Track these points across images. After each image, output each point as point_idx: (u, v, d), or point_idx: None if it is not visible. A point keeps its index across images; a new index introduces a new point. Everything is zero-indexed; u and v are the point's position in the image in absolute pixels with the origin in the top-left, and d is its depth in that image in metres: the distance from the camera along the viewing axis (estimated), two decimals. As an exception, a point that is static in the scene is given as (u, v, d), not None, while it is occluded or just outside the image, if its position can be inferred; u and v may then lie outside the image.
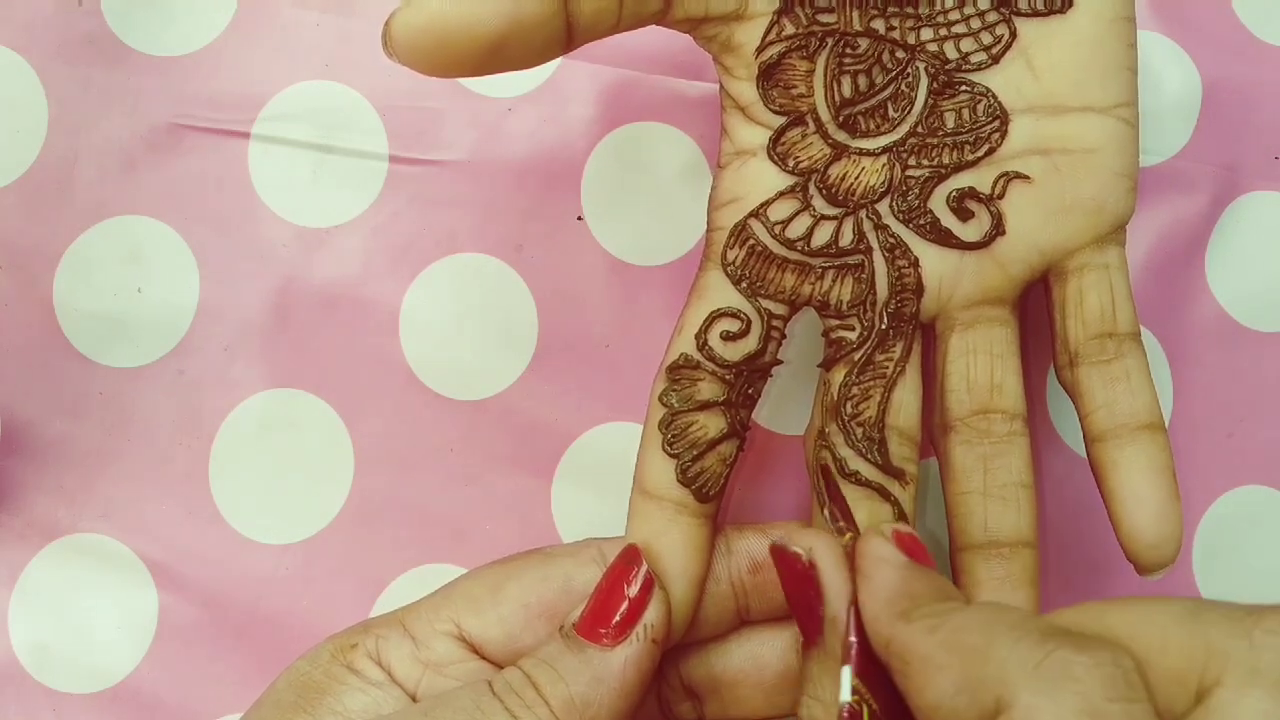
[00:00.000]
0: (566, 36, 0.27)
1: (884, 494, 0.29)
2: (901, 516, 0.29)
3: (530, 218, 0.35)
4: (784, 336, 0.30)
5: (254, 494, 0.35)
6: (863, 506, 0.29)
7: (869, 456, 0.29)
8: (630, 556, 0.28)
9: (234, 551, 0.34)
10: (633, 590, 0.27)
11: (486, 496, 0.35)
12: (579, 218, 0.35)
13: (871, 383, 0.29)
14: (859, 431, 0.29)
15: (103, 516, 0.35)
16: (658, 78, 0.35)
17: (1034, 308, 0.34)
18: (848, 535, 0.26)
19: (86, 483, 0.35)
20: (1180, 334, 0.35)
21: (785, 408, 0.35)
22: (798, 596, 0.25)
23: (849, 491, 0.29)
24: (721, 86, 0.30)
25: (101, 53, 0.35)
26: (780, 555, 0.26)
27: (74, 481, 0.35)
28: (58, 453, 0.35)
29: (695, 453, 0.29)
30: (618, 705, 0.26)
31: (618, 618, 0.27)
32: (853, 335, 0.29)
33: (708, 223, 0.30)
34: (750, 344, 0.29)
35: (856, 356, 0.29)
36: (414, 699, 0.27)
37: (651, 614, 0.27)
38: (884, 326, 0.29)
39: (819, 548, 0.25)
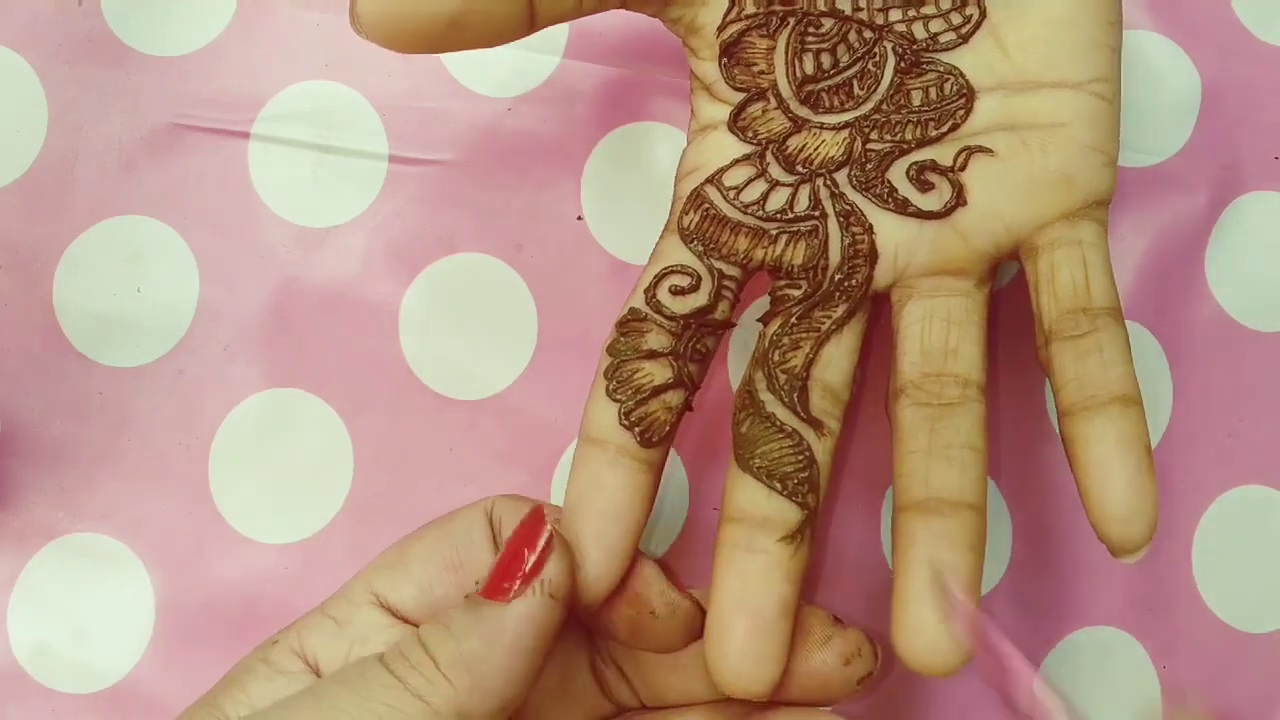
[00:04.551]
0: (529, 16, 0.28)
1: (796, 440, 0.28)
2: (812, 462, 0.28)
3: (530, 218, 0.35)
4: (738, 299, 0.30)
5: (254, 494, 0.35)
6: (775, 448, 0.28)
7: (786, 401, 0.29)
8: (536, 516, 0.27)
9: (234, 551, 0.34)
10: (535, 550, 0.27)
11: (486, 496, 0.35)
12: (579, 218, 0.35)
13: (804, 335, 0.29)
14: (782, 378, 0.29)
15: (102, 516, 0.35)
16: (658, 78, 0.35)
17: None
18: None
19: (86, 483, 0.35)
20: (1180, 334, 0.35)
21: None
22: None
23: (763, 432, 0.29)
24: (689, 68, 0.30)
25: (101, 53, 0.35)
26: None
27: (74, 481, 0.35)
28: (58, 453, 0.35)
29: (639, 398, 0.29)
30: (511, 662, 0.25)
31: (520, 575, 0.26)
32: (797, 293, 0.29)
33: (673, 195, 0.31)
34: (700, 299, 0.29)
35: (794, 310, 0.29)
36: None
37: (551, 569, 0.26)
38: (829, 288, 0.29)
39: None
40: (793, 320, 0.29)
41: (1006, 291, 0.35)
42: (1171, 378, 0.35)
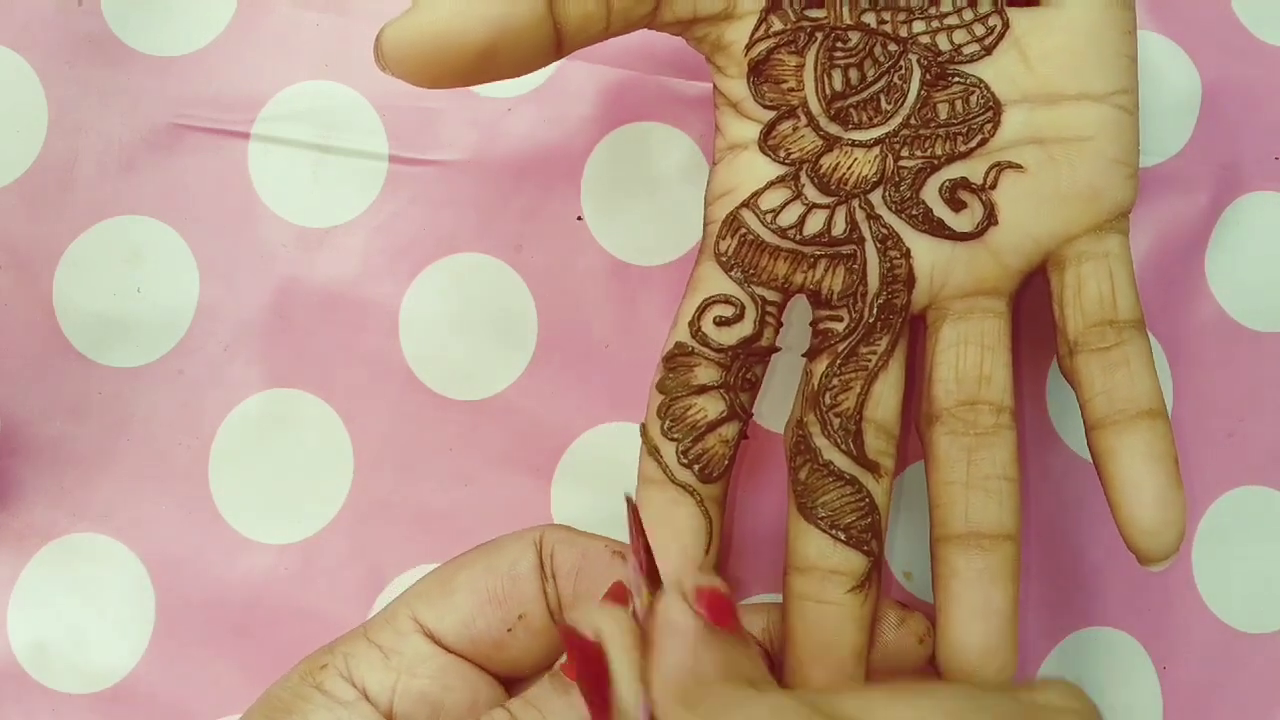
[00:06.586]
0: (556, 43, 0.28)
1: (856, 486, 0.29)
2: (873, 508, 0.29)
3: (530, 218, 0.35)
4: (781, 323, 0.30)
5: (254, 494, 0.35)
6: (835, 497, 0.29)
7: (843, 447, 0.29)
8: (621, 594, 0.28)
9: (233, 551, 0.34)
10: None
11: (486, 496, 0.35)
12: (579, 218, 0.35)
13: (853, 374, 0.29)
14: (836, 422, 0.29)
15: (102, 516, 0.35)
16: (658, 78, 0.35)
17: (1035, 305, 0.34)
18: (646, 595, 0.24)
19: (86, 483, 0.35)
20: (1180, 334, 0.35)
21: (783, 406, 0.35)
22: (589, 679, 0.23)
23: (821, 481, 0.29)
24: (714, 85, 0.30)
25: (101, 53, 0.35)
26: (569, 637, 0.24)
27: (74, 481, 0.35)
28: (57, 453, 0.35)
29: (695, 435, 0.29)
30: None
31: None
32: (840, 326, 0.30)
33: (704, 218, 0.30)
34: (745, 328, 0.29)
35: (840, 348, 0.29)
36: (390, 709, 0.28)
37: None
38: (871, 319, 0.29)
39: (606, 630, 0.23)
40: (840, 359, 0.29)
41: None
42: (1172, 378, 0.35)
